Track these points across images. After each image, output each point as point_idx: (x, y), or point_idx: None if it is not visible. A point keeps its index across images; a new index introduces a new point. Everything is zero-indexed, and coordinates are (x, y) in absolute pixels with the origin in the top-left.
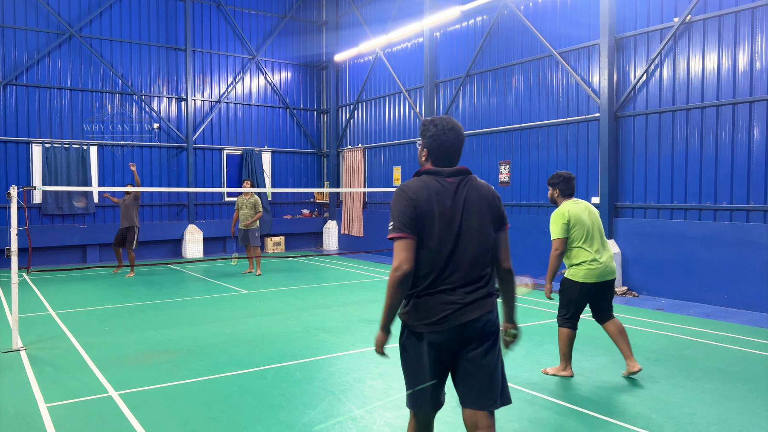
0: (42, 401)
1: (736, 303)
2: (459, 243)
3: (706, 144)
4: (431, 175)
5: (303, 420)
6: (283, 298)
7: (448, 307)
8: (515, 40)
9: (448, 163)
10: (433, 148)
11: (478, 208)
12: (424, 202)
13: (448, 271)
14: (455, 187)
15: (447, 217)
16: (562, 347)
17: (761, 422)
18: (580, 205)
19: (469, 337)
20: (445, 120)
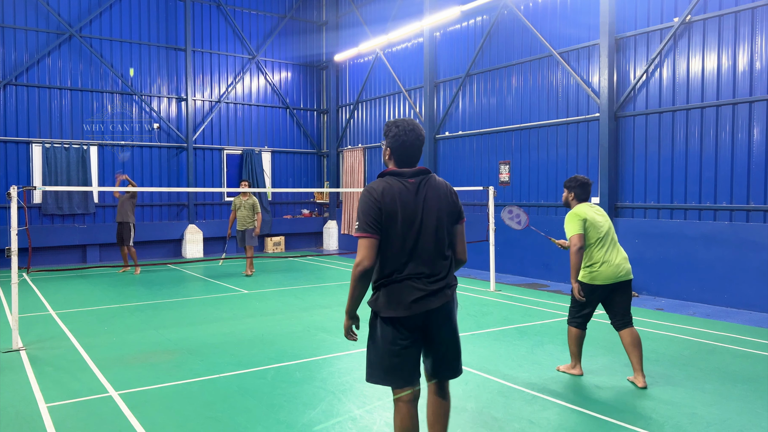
0: (42, 401)
1: (736, 303)
2: (420, 239)
3: (706, 144)
4: (394, 176)
5: (303, 420)
6: (283, 298)
7: (413, 294)
8: (515, 40)
9: (410, 161)
10: (395, 148)
11: (437, 207)
12: (389, 203)
13: (412, 265)
14: (416, 187)
15: (410, 215)
16: (571, 346)
17: (761, 422)
18: (594, 208)
19: (432, 324)
20: (406, 122)
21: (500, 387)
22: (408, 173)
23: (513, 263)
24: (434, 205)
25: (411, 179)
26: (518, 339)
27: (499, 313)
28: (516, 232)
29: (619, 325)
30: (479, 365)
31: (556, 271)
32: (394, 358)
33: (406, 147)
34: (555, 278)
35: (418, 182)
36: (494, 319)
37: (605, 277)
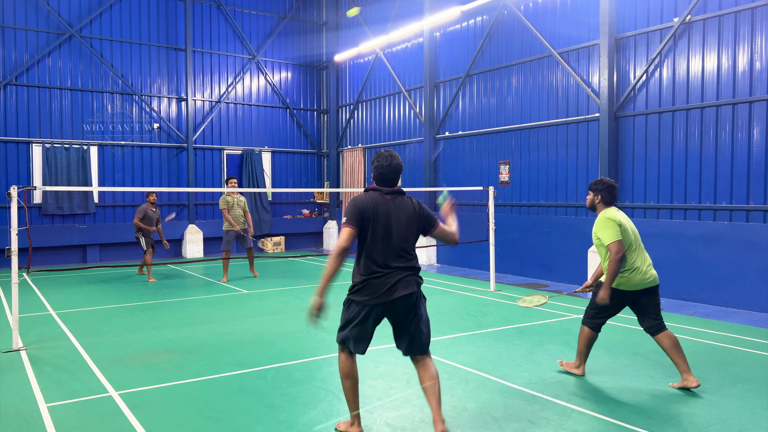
0: (42, 401)
1: (736, 303)
2: (391, 240)
3: (705, 144)
4: (375, 191)
5: (303, 420)
6: (283, 298)
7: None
8: (515, 40)
9: (389, 184)
10: (377, 175)
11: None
12: (368, 209)
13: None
14: (391, 201)
15: (383, 220)
16: (580, 345)
17: (761, 422)
18: (622, 213)
19: (401, 308)
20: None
21: (500, 387)
22: (385, 190)
23: (513, 263)
24: (402, 216)
25: (387, 195)
26: (518, 339)
27: (499, 313)
28: (516, 232)
29: (652, 329)
30: (479, 365)
31: (556, 271)
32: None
33: (384, 175)
34: (555, 278)
35: (392, 198)
36: (494, 319)
37: (633, 283)
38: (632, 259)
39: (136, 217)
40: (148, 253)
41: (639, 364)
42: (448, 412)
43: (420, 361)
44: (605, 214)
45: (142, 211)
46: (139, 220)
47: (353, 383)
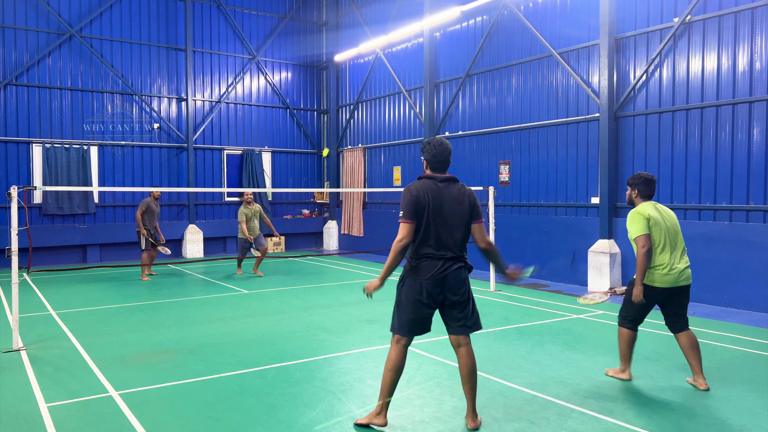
0: (42, 401)
1: (736, 303)
2: (444, 228)
3: (705, 144)
4: (429, 179)
5: (303, 420)
6: (283, 298)
7: (436, 267)
8: (515, 40)
9: (441, 170)
10: (429, 162)
11: (459, 204)
12: (422, 198)
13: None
14: (444, 188)
15: (437, 209)
16: (622, 348)
17: (761, 422)
18: (660, 208)
19: (449, 287)
20: (434, 143)
21: (500, 387)
22: (439, 178)
23: (513, 263)
24: (456, 204)
25: (441, 183)
26: (518, 339)
27: (499, 313)
28: (516, 232)
29: (674, 327)
30: (479, 365)
31: (556, 271)
32: (409, 313)
33: (436, 160)
34: (555, 278)
35: (446, 186)
36: (494, 319)
37: (669, 281)
38: (665, 255)
39: (139, 209)
40: (146, 253)
41: (639, 364)
42: (448, 412)
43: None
44: (637, 208)
45: (145, 204)
46: (141, 213)
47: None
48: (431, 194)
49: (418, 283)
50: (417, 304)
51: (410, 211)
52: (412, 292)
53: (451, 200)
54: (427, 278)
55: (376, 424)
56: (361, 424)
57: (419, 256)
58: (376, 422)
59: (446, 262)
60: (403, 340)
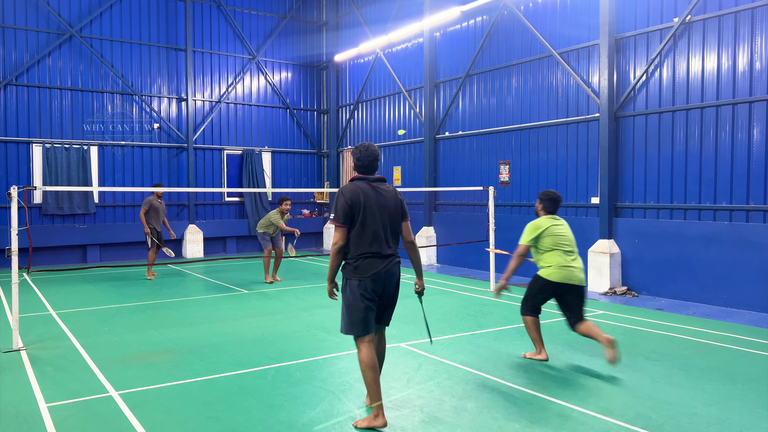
0: (42, 401)
1: (736, 303)
2: (379, 226)
3: (705, 144)
4: (361, 180)
5: (303, 420)
6: (283, 298)
7: (377, 264)
8: (515, 40)
9: (371, 172)
10: (358, 166)
11: (392, 203)
12: (356, 200)
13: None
14: (378, 188)
15: (371, 208)
16: (532, 334)
17: (761, 422)
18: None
19: (388, 283)
20: (362, 146)
21: (500, 387)
22: (371, 179)
23: None
24: (389, 202)
25: (373, 183)
26: (518, 339)
27: (499, 313)
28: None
29: (570, 322)
30: (479, 365)
31: None
32: (361, 312)
33: (365, 163)
34: None
35: (378, 185)
36: (494, 319)
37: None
38: (549, 256)
39: (142, 209)
40: (152, 251)
41: (638, 365)
42: (448, 412)
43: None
44: (536, 220)
45: (148, 203)
46: (145, 212)
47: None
48: (365, 195)
49: (361, 282)
50: (364, 302)
51: (344, 215)
52: (357, 291)
53: (384, 199)
54: (369, 276)
55: (377, 426)
56: (361, 427)
57: (359, 255)
58: (377, 424)
59: (385, 258)
60: (367, 338)
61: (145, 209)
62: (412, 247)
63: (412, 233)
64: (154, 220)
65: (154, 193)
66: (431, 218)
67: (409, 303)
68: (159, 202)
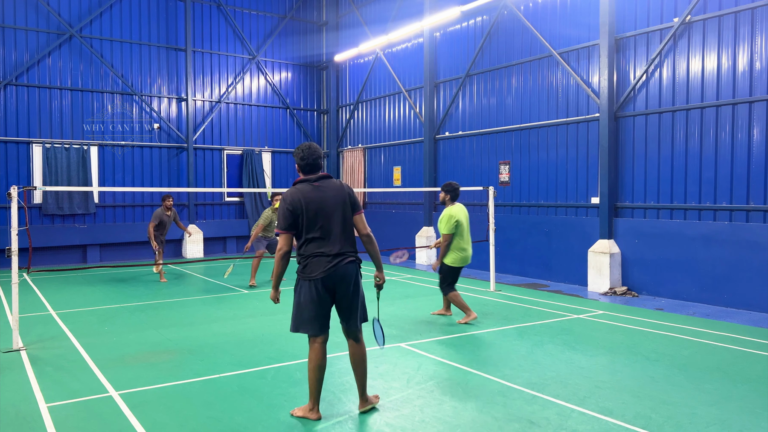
0: (42, 401)
1: (736, 303)
2: (328, 222)
3: (705, 144)
4: (303, 182)
5: (303, 420)
6: (283, 298)
7: (324, 264)
8: (515, 40)
9: (314, 170)
10: (301, 166)
11: (339, 199)
12: (297, 205)
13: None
14: (321, 186)
15: (317, 207)
16: (459, 302)
17: (761, 422)
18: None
19: (339, 281)
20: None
21: (500, 387)
22: (314, 178)
23: (513, 263)
24: (335, 199)
25: (316, 182)
26: (518, 339)
27: (499, 313)
28: (516, 231)
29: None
30: (479, 365)
31: (556, 271)
32: (310, 311)
33: (307, 162)
34: (555, 278)
35: (321, 183)
36: (494, 319)
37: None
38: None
39: (151, 223)
40: (158, 254)
41: (639, 364)
42: (448, 412)
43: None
44: (450, 210)
45: (157, 216)
46: (153, 227)
47: (320, 375)
48: (307, 197)
49: (311, 282)
50: (313, 301)
51: (286, 223)
52: (308, 291)
53: (330, 197)
54: (317, 275)
55: (311, 418)
56: (296, 415)
57: (306, 256)
58: (311, 417)
59: (334, 258)
60: (318, 339)
61: (155, 224)
62: (369, 240)
63: (366, 226)
64: (160, 234)
65: (163, 204)
66: (431, 218)
67: (410, 303)
68: (168, 215)
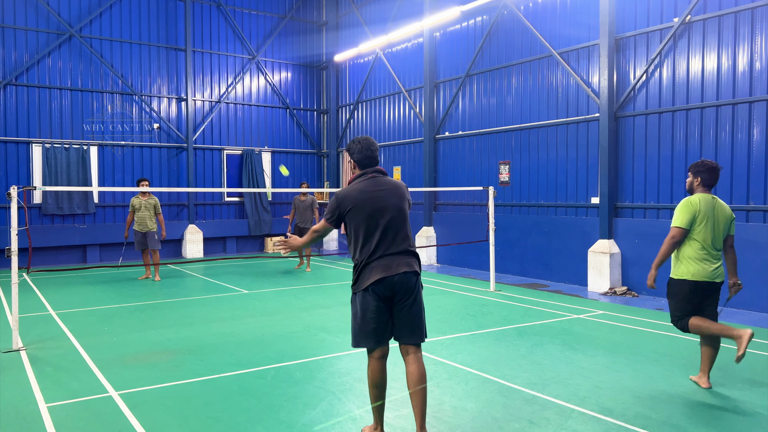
0: (42, 401)
1: (736, 303)
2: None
3: (705, 144)
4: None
5: (303, 420)
6: (283, 298)
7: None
8: (515, 40)
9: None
10: (358, 159)
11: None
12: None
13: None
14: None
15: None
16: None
17: (761, 422)
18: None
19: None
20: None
21: (500, 387)
22: (369, 173)
23: (513, 263)
24: (392, 195)
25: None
26: (518, 339)
27: (499, 313)
28: (516, 232)
29: None
30: (479, 365)
31: (556, 271)
32: (367, 323)
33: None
34: (555, 278)
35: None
36: (494, 319)
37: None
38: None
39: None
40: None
41: (639, 364)
42: (448, 412)
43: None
44: (691, 197)
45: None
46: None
47: (380, 392)
48: (363, 195)
49: (366, 291)
50: (370, 311)
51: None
52: (363, 301)
53: (389, 195)
54: (372, 283)
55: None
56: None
57: (362, 263)
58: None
59: (393, 263)
60: (376, 353)
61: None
62: None
63: None
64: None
65: None
66: (431, 218)
67: None
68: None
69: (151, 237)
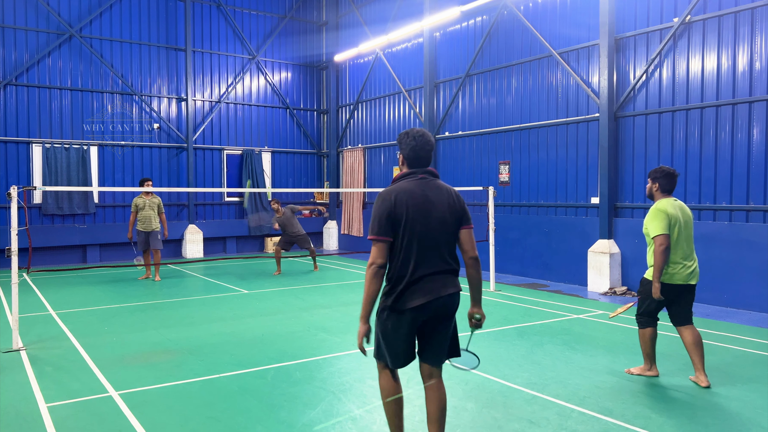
0: (42, 401)
1: (736, 303)
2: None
3: (705, 144)
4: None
5: (303, 420)
6: (283, 298)
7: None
8: (515, 40)
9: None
10: (407, 154)
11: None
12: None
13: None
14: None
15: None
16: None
17: (762, 422)
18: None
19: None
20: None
21: (500, 387)
22: (419, 174)
23: (513, 263)
24: (440, 204)
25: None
26: (518, 339)
27: (499, 313)
28: (516, 232)
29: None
30: (480, 365)
31: (556, 271)
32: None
33: (417, 152)
34: (555, 278)
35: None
36: (494, 319)
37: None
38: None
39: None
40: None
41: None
42: (448, 412)
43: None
44: (658, 204)
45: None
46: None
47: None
48: (414, 199)
49: (403, 313)
50: (402, 335)
51: (382, 229)
52: (397, 323)
53: (438, 202)
54: (411, 306)
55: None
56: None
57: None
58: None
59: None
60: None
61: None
62: (475, 264)
63: (475, 246)
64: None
65: None
66: None
67: None
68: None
69: (155, 236)
